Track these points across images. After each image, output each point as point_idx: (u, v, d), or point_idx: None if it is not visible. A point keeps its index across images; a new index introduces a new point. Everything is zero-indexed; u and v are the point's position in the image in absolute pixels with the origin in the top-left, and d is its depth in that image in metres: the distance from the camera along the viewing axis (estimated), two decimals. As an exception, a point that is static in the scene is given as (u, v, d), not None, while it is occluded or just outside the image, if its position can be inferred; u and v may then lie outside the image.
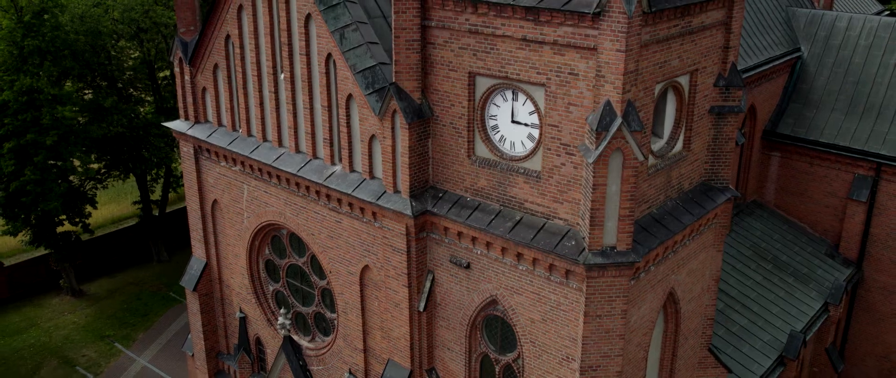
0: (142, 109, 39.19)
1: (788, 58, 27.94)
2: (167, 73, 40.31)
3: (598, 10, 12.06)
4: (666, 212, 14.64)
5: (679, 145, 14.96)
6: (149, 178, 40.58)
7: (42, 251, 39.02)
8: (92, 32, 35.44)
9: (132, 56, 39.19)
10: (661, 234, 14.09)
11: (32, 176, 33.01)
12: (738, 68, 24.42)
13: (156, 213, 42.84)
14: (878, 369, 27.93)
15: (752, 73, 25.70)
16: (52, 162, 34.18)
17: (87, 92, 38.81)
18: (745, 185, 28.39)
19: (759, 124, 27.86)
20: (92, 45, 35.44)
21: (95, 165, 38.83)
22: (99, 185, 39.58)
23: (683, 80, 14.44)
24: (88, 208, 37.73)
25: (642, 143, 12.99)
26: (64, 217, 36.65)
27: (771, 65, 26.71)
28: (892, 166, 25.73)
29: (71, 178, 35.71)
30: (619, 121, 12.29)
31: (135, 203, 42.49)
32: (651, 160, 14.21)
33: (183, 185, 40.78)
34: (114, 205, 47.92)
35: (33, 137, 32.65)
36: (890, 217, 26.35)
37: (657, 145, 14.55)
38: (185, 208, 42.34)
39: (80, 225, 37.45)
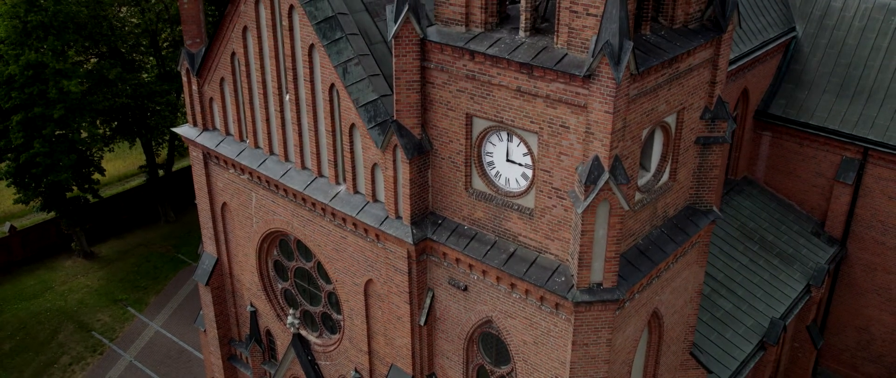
0: (145, 76, 39.63)
1: (783, 39, 28.36)
2: (169, 34, 40.55)
3: (588, 73, 12.74)
4: (651, 242, 15.59)
5: (665, 176, 15.80)
6: (154, 143, 41.33)
7: (53, 214, 40.08)
8: (93, 1, 35.65)
9: (133, 21, 39.37)
10: (646, 266, 15.09)
11: (41, 148, 33.83)
12: (733, 54, 25.08)
13: (161, 173, 43.72)
14: (857, 340, 29.37)
15: (746, 59, 26.19)
16: (60, 132, 34.89)
17: (89, 55, 39.15)
18: (736, 164, 29.22)
19: (752, 105, 28.48)
20: (93, 16, 35.66)
21: (102, 129, 39.50)
22: (105, 149, 40.34)
23: (670, 119, 15.18)
24: (97, 175, 38.65)
25: (629, 188, 13.84)
26: (73, 184, 37.59)
27: (765, 48, 27.17)
28: (879, 151, 26.49)
29: (79, 147, 36.44)
30: (606, 176, 13.12)
31: (141, 167, 43.38)
32: (638, 196, 15.07)
33: (188, 148, 41.66)
34: (119, 162, 48.73)
35: (41, 111, 33.32)
36: (875, 199, 27.28)
37: (644, 179, 15.39)
38: (190, 168, 43.36)
39: (89, 190, 38.44)
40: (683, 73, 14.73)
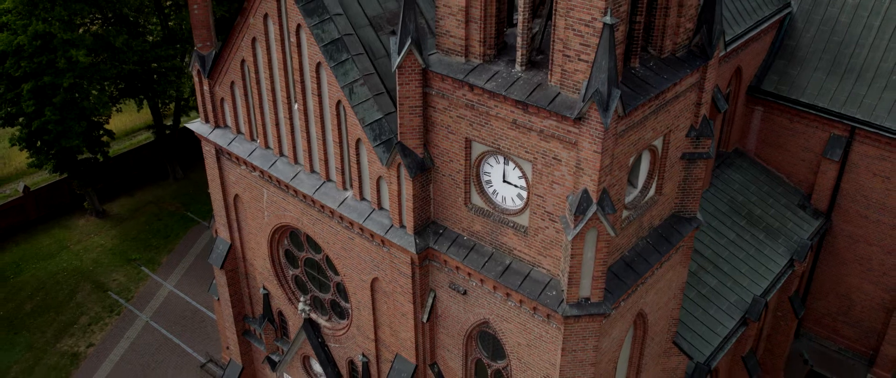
0: (150, 39, 40.13)
1: (778, 15, 28.90)
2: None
3: (578, 115, 13.69)
4: (637, 253, 16.78)
5: (652, 191, 16.87)
6: (160, 104, 42.13)
7: (65, 175, 41.17)
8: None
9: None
10: (632, 278, 16.32)
11: (52, 116, 34.76)
12: (728, 37, 25.74)
13: (168, 132, 44.57)
14: (839, 305, 30.91)
15: (741, 40, 26.84)
16: (70, 96, 35.66)
17: (95, 17, 39.55)
18: (728, 137, 30.16)
19: (745, 81, 29.22)
20: (98, -17, 36.06)
21: (109, 90, 40.25)
22: (113, 108, 41.12)
23: (657, 142, 16.16)
24: (106, 138, 39.64)
25: (615, 216, 14.95)
26: (84, 148, 38.62)
27: (760, 28, 27.77)
28: (865, 130, 27.41)
29: (88, 114, 37.32)
30: (594, 208, 14.21)
31: (148, 127, 44.29)
32: (625, 213, 16.18)
33: (194, 109, 42.49)
34: (126, 116, 49.52)
35: (50, 80, 34.12)
36: (860, 174, 28.33)
37: (631, 196, 16.47)
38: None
39: (99, 152, 39.51)
40: (670, 101, 15.63)
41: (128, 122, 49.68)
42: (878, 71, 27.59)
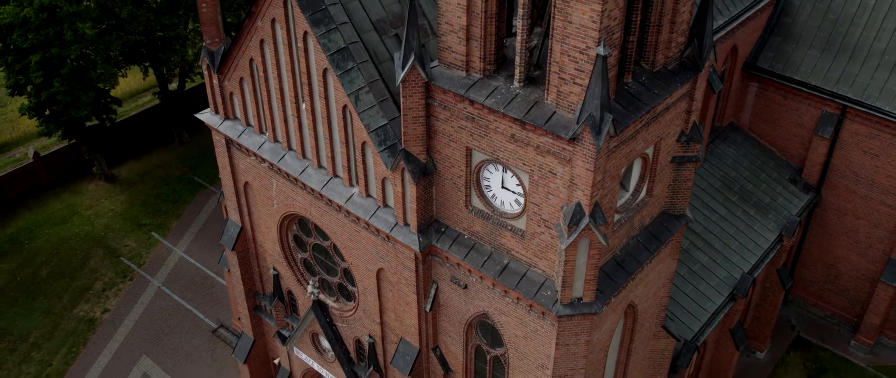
0: (153, 5, 40.37)
1: (774, -6, 29.30)
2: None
3: (572, 136, 14.51)
4: (627, 253, 17.78)
5: (643, 194, 17.77)
6: (165, 70, 42.63)
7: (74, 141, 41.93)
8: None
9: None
10: (622, 277, 17.36)
11: (61, 87, 35.41)
12: (725, 18, 26.23)
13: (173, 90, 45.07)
14: (826, 274, 32.10)
15: (736, 22, 27.35)
16: (79, 64, 36.25)
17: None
18: (723, 112, 30.88)
19: (741, 58, 29.79)
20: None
21: (115, 55, 40.74)
22: (118, 73, 41.65)
23: (649, 150, 16.99)
24: (113, 105, 40.32)
25: (607, 227, 15.89)
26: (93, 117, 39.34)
27: (756, 7, 28.22)
28: (856, 109, 28.13)
29: (98, 85, 37.94)
30: (587, 220, 15.15)
31: (154, 93, 44.88)
32: (617, 217, 17.12)
33: (199, 74, 43.06)
34: (130, 79, 49.95)
35: (57, 51, 34.67)
36: (850, 151, 29.17)
37: (623, 200, 17.38)
38: (202, 86, 44.66)
39: (107, 119, 40.24)
40: (661, 112, 16.40)
41: (133, 83, 50.14)
42: (871, 50, 28.14)
